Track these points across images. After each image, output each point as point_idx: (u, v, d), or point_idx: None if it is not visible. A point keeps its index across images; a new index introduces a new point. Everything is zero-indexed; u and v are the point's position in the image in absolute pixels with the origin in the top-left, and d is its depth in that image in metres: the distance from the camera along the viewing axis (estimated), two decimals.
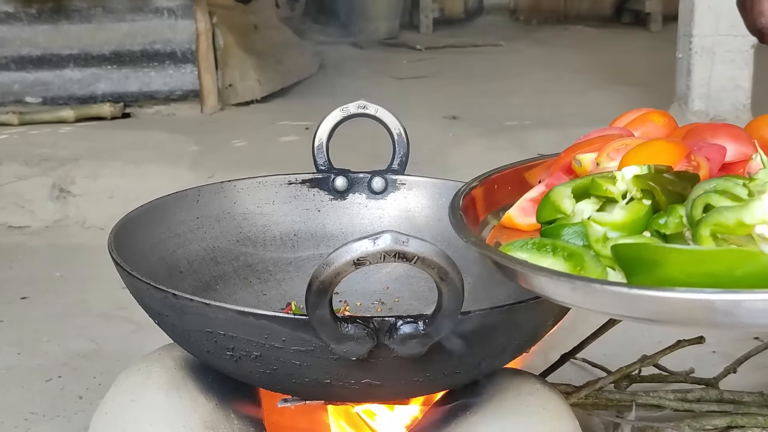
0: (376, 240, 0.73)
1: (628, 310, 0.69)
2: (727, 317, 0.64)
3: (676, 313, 0.66)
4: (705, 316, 0.65)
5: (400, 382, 0.87)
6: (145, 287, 0.90)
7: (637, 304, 0.67)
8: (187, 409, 0.95)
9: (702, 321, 0.66)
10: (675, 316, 0.67)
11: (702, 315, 0.65)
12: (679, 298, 0.64)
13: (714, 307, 0.64)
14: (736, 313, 0.64)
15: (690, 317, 0.66)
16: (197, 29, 3.26)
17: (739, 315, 0.64)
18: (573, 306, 0.75)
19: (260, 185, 1.26)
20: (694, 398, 1.30)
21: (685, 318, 0.66)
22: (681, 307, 0.65)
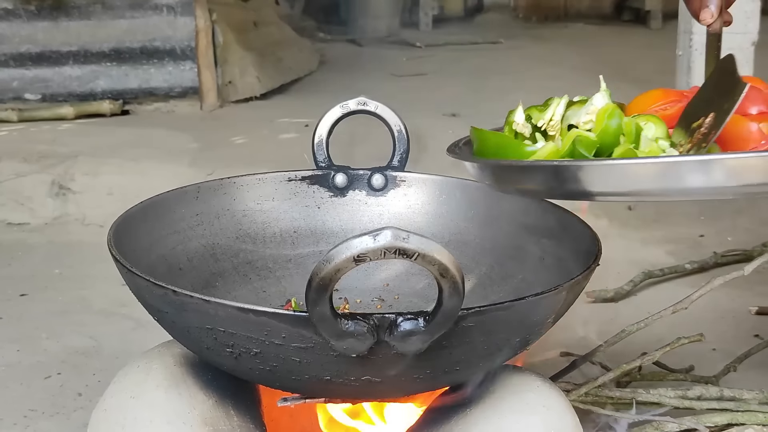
0: (376, 236, 0.72)
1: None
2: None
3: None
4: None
5: (401, 379, 0.87)
6: (145, 284, 0.90)
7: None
8: (186, 406, 0.94)
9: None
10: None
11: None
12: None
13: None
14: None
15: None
16: (197, 26, 3.25)
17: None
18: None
19: (260, 182, 1.25)
20: (694, 396, 1.30)
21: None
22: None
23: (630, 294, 1.88)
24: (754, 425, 1.24)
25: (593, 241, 1.03)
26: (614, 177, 0.87)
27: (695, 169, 0.83)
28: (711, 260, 2.02)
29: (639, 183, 0.86)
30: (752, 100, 0.97)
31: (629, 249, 2.17)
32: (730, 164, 0.83)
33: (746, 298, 1.83)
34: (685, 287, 1.94)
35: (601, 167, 0.88)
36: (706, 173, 0.82)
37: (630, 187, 0.87)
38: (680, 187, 0.84)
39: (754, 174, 0.83)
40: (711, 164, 0.83)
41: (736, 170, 0.82)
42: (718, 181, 0.82)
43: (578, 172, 0.88)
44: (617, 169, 0.87)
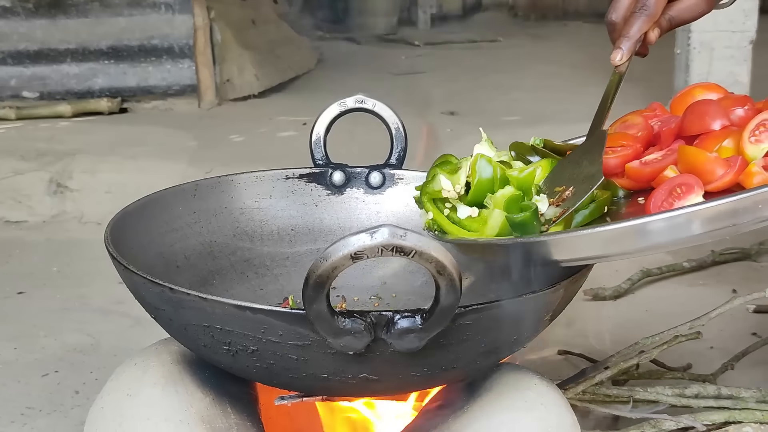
0: (373, 234, 0.72)
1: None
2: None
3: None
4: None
5: (398, 377, 0.87)
6: (142, 281, 0.90)
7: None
8: (183, 404, 0.94)
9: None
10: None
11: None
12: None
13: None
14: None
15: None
16: (195, 24, 3.25)
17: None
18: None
19: (257, 180, 1.25)
20: (691, 394, 1.30)
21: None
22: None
23: (628, 292, 1.88)
24: (751, 423, 1.24)
25: None
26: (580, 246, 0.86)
27: (650, 228, 0.81)
28: (709, 258, 2.02)
29: (608, 247, 0.85)
30: (712, 115, 0.97)
31: None
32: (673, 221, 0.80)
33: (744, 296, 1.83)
34: (683, 285, 1.94)
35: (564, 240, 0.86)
36: (661, 230, 0.81)
37: (599, 252, 0.86)
38: (645, 246, 0.83)
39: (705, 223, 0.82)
40: (659, 223, 0.81)
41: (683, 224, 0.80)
42: (679, 233, 0.81)
43: (535, 248, 0.87)
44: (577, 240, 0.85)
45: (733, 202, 0.81)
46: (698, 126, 0.97)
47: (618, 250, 0.84)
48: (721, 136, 0.95)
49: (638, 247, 0.83)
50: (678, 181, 0.90)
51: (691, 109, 1.00)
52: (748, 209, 0.82)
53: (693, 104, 1.01)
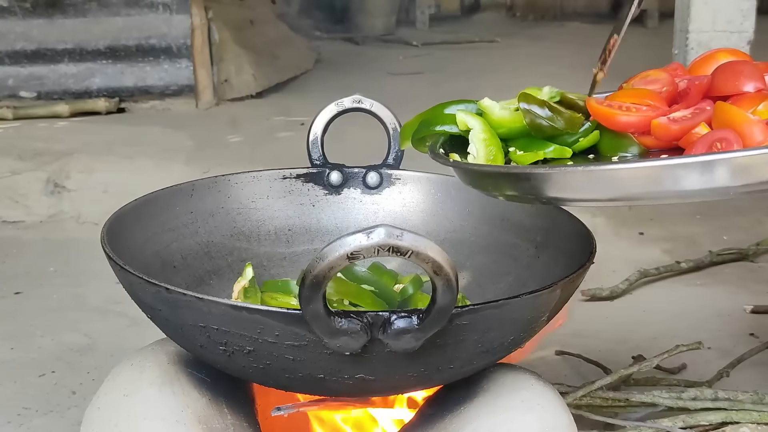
0: (369, 234, 0.72)
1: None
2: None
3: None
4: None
5: (394, 377, 0.87)
6: (138, 281, 0.90)
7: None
8: (180, 404, 0.94)
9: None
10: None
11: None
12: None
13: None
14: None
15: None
16: (192, 24, 3.25)
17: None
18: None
19: (254, 180, 1.25)
20: (688, 397, 1.30)
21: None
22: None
23: (625, 293, 1.88)
24: (748, 423, 1.24)
25: (588, 239, 1.03)
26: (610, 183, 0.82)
27: (694, 170, 0.78)
28: (706, 259, 2.02)
29: (629, 188, 0.82)
30: (748, 75, 0.91)
31: (625, 247, 2.17)
32: (734, 162, 0.77)
33: (742, 297, 1.84)
34: (680, 286, 1.94)
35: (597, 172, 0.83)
36: (704, 173, 0.78)
37: (623, 192, 0.83)
38: (677, 190, 0.79)
39: (755, 173, 0.78)
40: (709, 165, 0.78)
41: (738, 168, 0.77)
42: (717, 181, 0.78)
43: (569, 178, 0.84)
44: (612, 174, 0.82)
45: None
46: (732, 86, 0.91)
47: (660, 189, 0.80)
48: (757, 98, 0.88)
49: (677, 190, 0.79)
50: (718, 135, 0.84)
51: (722, 69, 0.94)
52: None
53: (725, 64, 0.95)
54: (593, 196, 0.85)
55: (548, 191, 0.86)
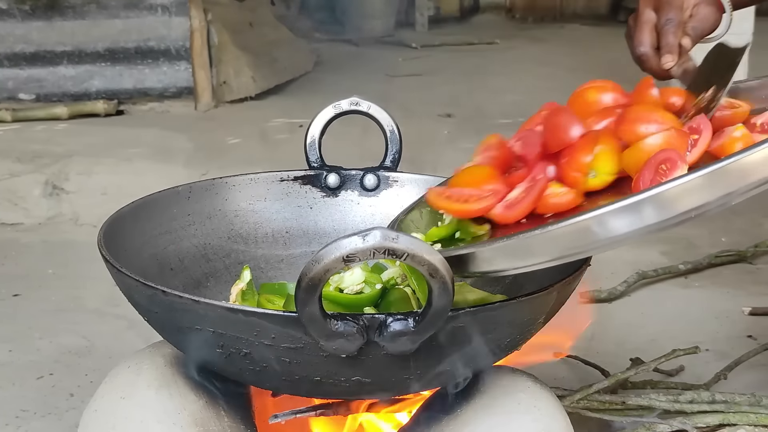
0: (365, 237, 0.72)
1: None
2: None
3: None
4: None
5: (391, 380, 0.87)
6: (135, 284, 0.90)
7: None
8: (177, 407, 0.94)
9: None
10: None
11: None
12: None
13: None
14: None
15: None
16: (191, 26, 3.25)
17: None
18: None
19: (252, 182, 1.25)
20: (685, 400, 1.30)
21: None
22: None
23: (624, 294, 1.88)
24: (745, 425, 1.24)
25: None
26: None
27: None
28: (704, 261, 2.02)
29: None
30: (567, 125, 0.93)
31: (623, 249, 2.16)
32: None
33: (740, 298, 1.84)
34: (678, 287, 1.94)
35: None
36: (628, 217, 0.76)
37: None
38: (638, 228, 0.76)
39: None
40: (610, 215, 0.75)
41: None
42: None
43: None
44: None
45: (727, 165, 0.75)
46: (559, 141, 0.92)
47: (614, 235, 0.77)
48: (588, 143, 0.90)
49: (632, 231, 0.76)
50: (661, 157, 0.84)
51: (546, 124, 0.96)
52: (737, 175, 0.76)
53: (548, 117, 0.97)
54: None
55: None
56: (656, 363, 1.37)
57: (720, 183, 0.75)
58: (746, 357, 1.49)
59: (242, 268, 1.14)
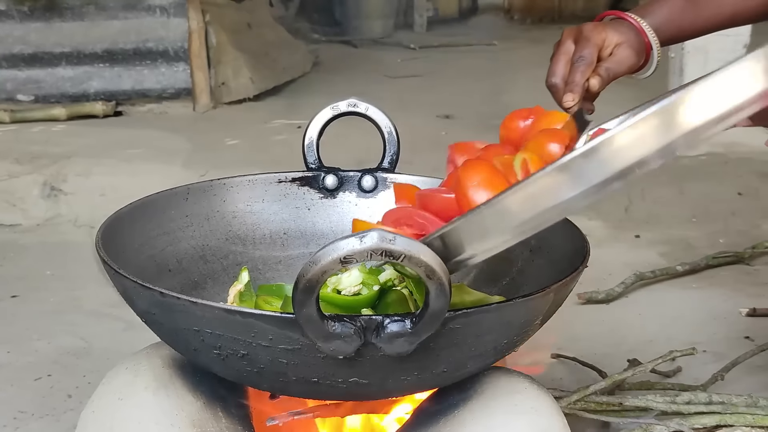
0: (362, 238, 0.72)
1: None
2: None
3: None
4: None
5: (388, 381, 0.87)
6: (132, 285, 0.90)
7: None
8: (174, 408, 0.94)
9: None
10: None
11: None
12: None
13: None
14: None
15: None
16: (190, 27, 3.25)
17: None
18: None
19: (250, 183, 1.25)
20: (682, 401, 1.30)
21: None
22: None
23: (621, 296, 1.88)
24: (742, 426, 1.24)
25: (582, 242, 1.03)
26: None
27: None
28: (702, 262, 2.02)
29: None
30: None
31: (621, 251, 2.17)
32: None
33: (737, 300, 1.84)
34: (676, 289, 1.95)
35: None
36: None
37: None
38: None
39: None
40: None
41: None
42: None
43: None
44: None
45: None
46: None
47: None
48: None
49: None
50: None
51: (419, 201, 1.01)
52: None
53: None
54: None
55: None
56: (653, 364, 1.37)
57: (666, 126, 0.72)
58: (743, 358, 1.49)
59: (240, 270, 1.14)
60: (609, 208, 2.40)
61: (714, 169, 2.64)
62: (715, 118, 0.72)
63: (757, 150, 2.78)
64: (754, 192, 2.48)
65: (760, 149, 2.80)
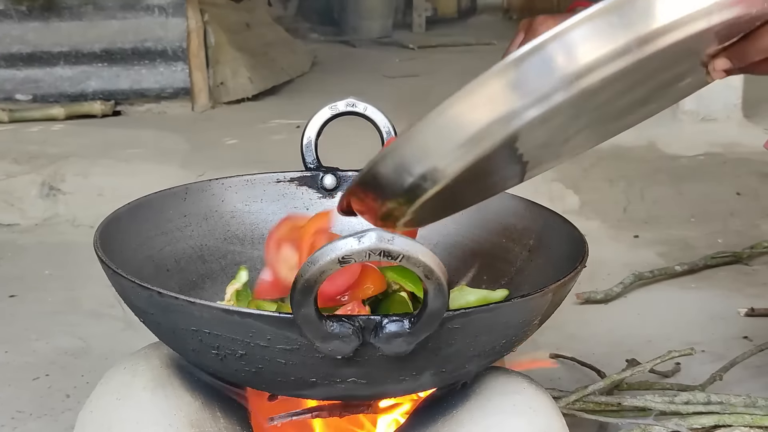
0: (361, 238, 0.72)
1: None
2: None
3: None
4: None
5: (386, 381, 0.87)
6: (130, 285, 0.90)
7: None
8: (172, 408, 0.94)
9: None
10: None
11: None
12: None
13: None
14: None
15: None
16: (188, 27, 3.25)
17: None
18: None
19: (248, 183, 1.25)
20: (681, 401, 1.30)
21: None
22: None
23: (620, 296, 1.88)
24: (741, 426, 1.24)
25: (580, 242, 1.03)
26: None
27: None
28: (701, 262, 2.02)
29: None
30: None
31: (619, 250, 2.17)
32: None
33: (736, 299, 1.84)
34: (675, 289, 1.95)
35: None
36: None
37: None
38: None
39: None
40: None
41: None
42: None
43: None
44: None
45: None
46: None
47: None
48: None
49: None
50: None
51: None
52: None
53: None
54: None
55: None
56: (652, 364, 1.37)
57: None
58: (742, 358, 1.49)
59: (239, 269, 1.14)
60: (607, 208, 2.40)
61: (713, 170, 2.64)
62: (675, 21, 0.66)
63: (756, 150, 2.78)
64: (752, 192, 2.48)
65: (759, 150, 2.80)
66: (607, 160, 2.57)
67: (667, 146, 2.79)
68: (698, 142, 2.83)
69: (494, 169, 0.82)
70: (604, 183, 2.49)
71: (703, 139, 2.86)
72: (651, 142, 2.79)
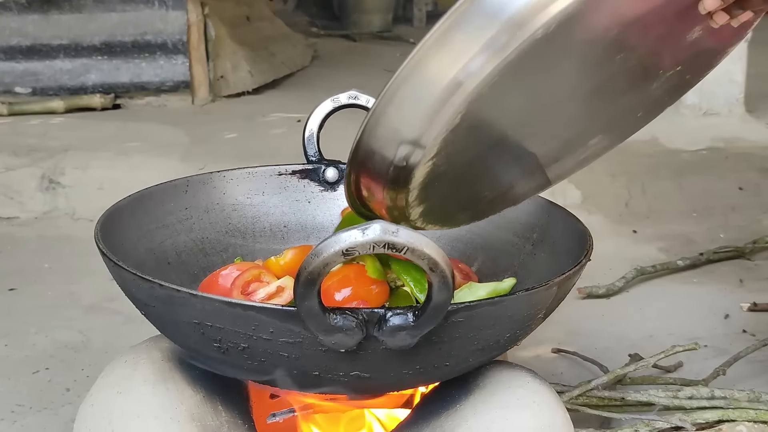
0: (365, 230, 0.72)
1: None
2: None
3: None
4: None
5: (390, 375, 0.86)
6: (132, 278, 0.89)
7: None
8: (174, 402, 0.94)
9: None
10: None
11: None
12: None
13: None
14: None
15: None
16: (189, 20, 3.23)
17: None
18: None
19: (250, 176, 1.25)
20: (685, 396, 1.29)
21: None
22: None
23: (622, 290, 1.88)
24: (744, 422, 1.24)
25: (584, 236, 1.03)
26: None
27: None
28: (703, 257, 2.02)
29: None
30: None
31: (622, 245, 2.17)
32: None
33: (738, 294, 1.84)
34: (676, 283, 1.94)
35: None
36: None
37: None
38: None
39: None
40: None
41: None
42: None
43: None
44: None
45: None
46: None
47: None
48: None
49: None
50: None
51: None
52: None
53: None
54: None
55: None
56: (655, 359, 1.36)
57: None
58: (745, 353, 1.49)
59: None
60: (609, 202, 2.39)
61: (714, 164, 2.63)
62: None
63: (757, 145, 2.78)
64: (754, 187, 2.48)
65: (761, 144, 2.80)
66: (608, 154, 2.56)
67: (669, 141, 2.79)
68: (700, 137, 2.82)
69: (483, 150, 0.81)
70: (605, 177, 2.48)
71: (705, 133, 2.85)
72: (653, 137, 2.78)
